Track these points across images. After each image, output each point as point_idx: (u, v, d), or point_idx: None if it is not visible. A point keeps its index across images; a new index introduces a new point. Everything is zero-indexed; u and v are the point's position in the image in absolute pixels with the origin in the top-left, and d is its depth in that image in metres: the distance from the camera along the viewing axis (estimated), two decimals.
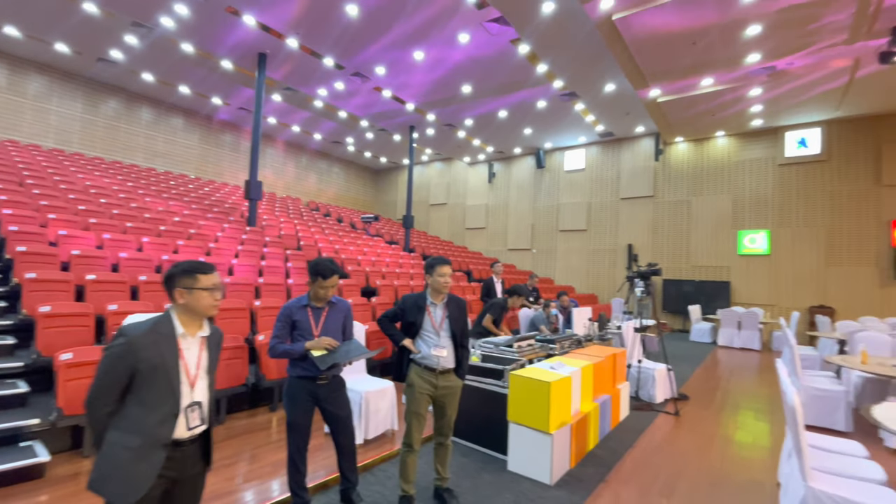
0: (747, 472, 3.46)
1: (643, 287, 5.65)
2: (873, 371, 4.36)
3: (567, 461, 3.28)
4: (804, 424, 4.46)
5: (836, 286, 10.56)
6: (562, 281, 14.61)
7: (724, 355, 8.98)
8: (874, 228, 10.23)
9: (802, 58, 7.91)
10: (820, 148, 10.86)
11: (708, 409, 5.14)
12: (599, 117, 11.84)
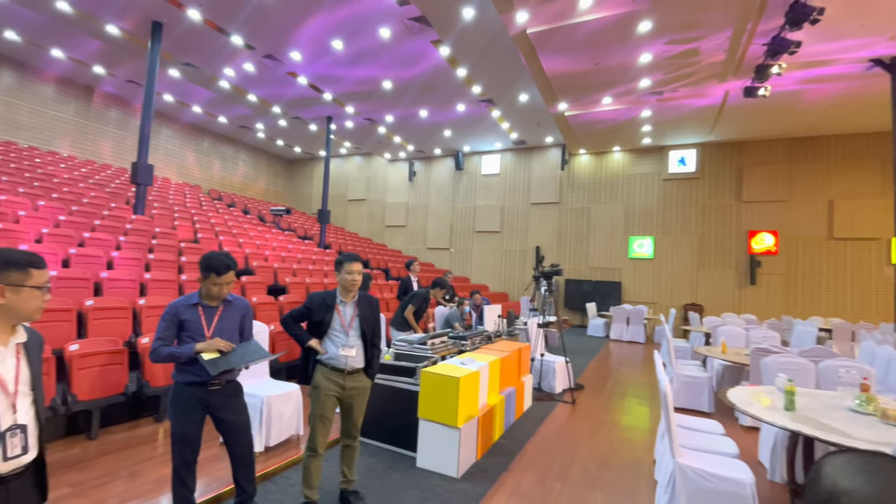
0: (630, 452, 3.86)
1: (547, 286, 6.05)
2: (730, 359, 5.14)
3: (474, 453, 3.39)
4: (675, 407, 5.08)
5: (704, 287, 12.27)
6: (477, 280, 15.10)
7: (614, 348, 9.96)
8: (735, 238, 12.06)
9: (684, 88, 9.06)
10: (695, 166, 12.53)
11: (599, 396, 5.66)
12: (514, 125, 12.44)
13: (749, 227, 11.89)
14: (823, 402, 2.89)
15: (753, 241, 11.76)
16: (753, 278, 11.67)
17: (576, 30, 7.19)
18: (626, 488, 3.15)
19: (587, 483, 3.20)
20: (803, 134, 11.31)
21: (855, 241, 10.92)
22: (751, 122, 10.65)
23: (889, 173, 10.19)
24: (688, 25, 6.91)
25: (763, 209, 11.78)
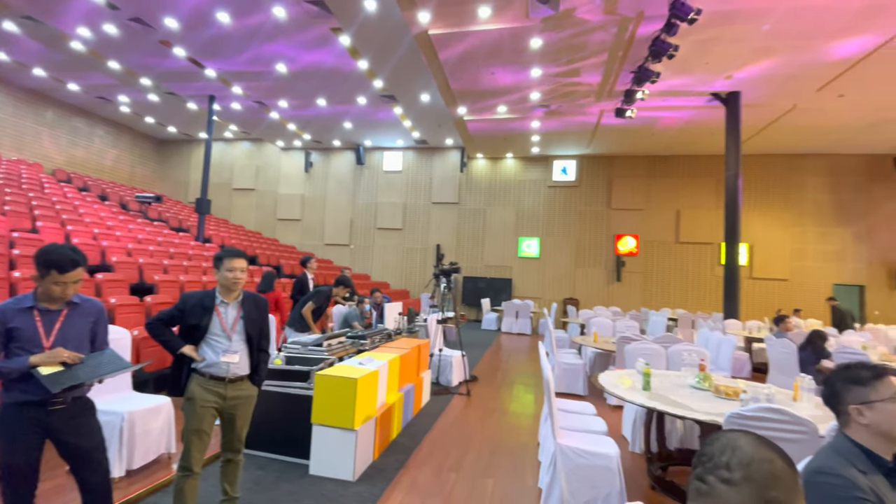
0: (518, 436, 4.16)
1: (447, 283, 6.23)
2: (601, 347, 5.81)
3: (371, 454, 3.35)
4: (555, 392, 5.58)
5: (580, 283, 13.71)
6: (378, 277, 14.91)
7: (505, 340, 10.64)
8: (605, 241, 13.68)
9: (567, 104, 10.00)
10: (575, 176, 13.93)
11: (491, 386, 6.00)
12: (416, 124, 12.53)
13: (616, 232, 13.59)
14: (672, 382, 3.43)
15: (619, 243, 13.48)
16: (619, 276, 13.39)
17: (475, 37, 7.48)
18: (514, 472, 3.38)
19: (479, 471, 3.37)
20: (660, 153, 13.27)
21: (695, 244, 13.15)
22: (620, 139, 12.17)
23: (721, 189, 12.44)
24: (572, 48, 7.64)
25: (627, 216, 13.55)
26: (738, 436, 0.90)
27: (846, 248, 12.43)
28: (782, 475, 0.83)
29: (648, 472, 3.30)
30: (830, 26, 6.58)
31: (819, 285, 12.37)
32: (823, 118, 9.93)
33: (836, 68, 7.76)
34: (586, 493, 2.63)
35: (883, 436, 1.27)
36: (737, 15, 6.40)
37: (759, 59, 7.60)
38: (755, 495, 0.81)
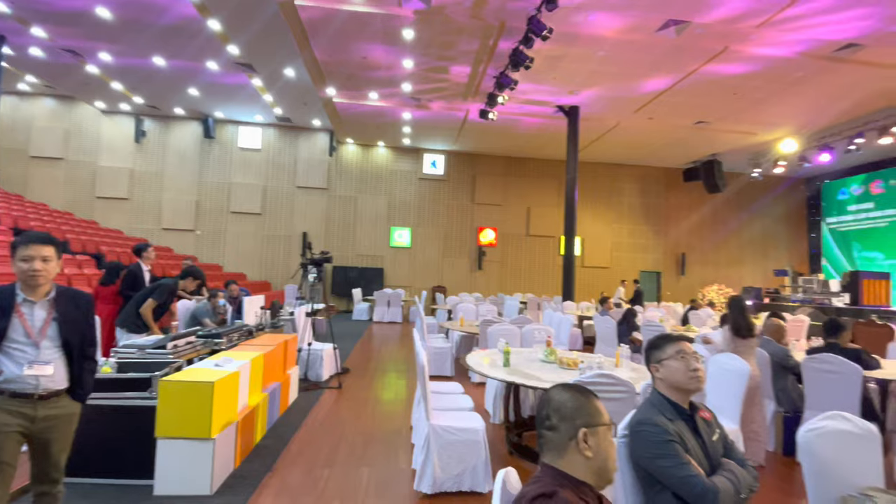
0: (391, 423, 4.25)
1: (316, 273, 5.95)
2: (466, 330, 6.25)
3: (231, 462, 3.06)
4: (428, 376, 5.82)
5: (447, 272, 14.46)
6: (232, 268, 13.43)
7: (377, 329, 10.66)
8: (469, 232, 14.64)
9: (437, 99, 10.34)
10: (443, 170, 14.55)
11: (364, 377, 5.98)
12: (278, 100, 11.56)
13: (479, 224, 14.66)
14: (525, 357, 3.88)
15: (481, 235, 14.59)
16: (480, 264, 14.51)
17: (347, 16, 7.20)
18: (388, 458, 3.45)
19: (354, 462, 3.35)
20: (516, 154, 14.66)
21: (542, 237, 14.94)
22: (483, 138, 13.09)
23: (562, 190, 14.31)
24: (442, 45, 7.91)
25: (488, 210, 14.71)
26: (549, 392, 1.18)
27: (649, 243, 15.54)
28: (582, 405, 1.11)
29: (507, 439, 3.71)
30: (646, 59, 8.07)
31: (631, 272, 15.24)
32: (638, 136, 12.17)
33: (648, 96, 9.57)
34: (455, 466, 2.84)
35: (674, 387, 1.65)
36: (578, 38, 7.41)
37: (594, 79, 8.93)
38: (570, 428, 1.09)
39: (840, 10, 6.37)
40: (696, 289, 14.83)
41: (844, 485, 1.72)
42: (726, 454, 1.59)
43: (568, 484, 1.04)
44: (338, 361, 5.81)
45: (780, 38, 7.12)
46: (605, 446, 1.09)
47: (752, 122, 10.86)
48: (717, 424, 1.66)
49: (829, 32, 6.93)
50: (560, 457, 1.09)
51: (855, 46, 7.26)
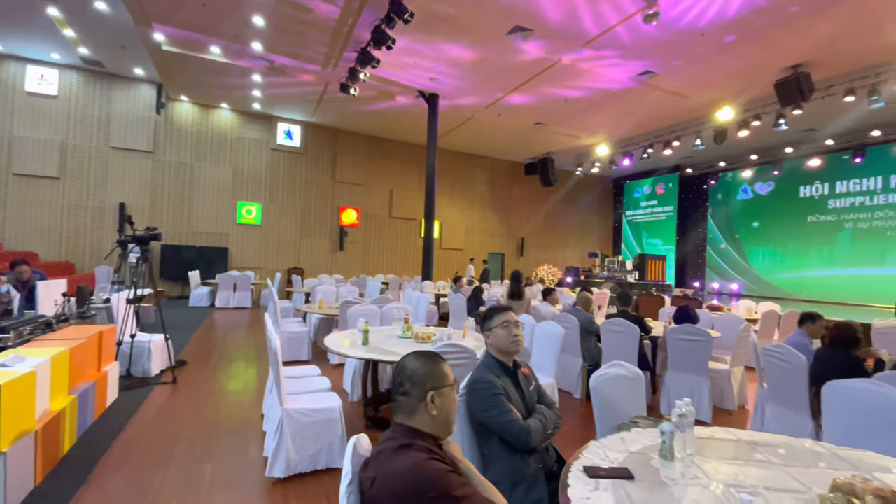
0: (239, 414, 3.98)
1: (140, 253, 5.10)
2: (325, 313, 6.12)
3: (31, 479, 2.52)
4: (282, 361, 5.58)
5: (305, 252, 13.78)
6: (18, 245, 10.53)
7: (220, 316, 9.64)
8: (330, 211, 14.13)
9: (294, 64, 9.61)
10: (300, 142, 13.65)
11: (204, 369, 5.41)
12: (84, 38, 9.30)
13: (340, 204, 14.26)
14: (384, 335, 4.04)
15: (343, 215, 14.24)
16: (342, 245, 14.20)
17: None
18: (236, 449, 3.25)
19: (195, 459, 3.08)
20: (379, 135, 14.58)
21: (404, 219, 15.29)
22: (345, 114, 12.66)
23: (423, 174, 14.81)
24: (297, 7, 7.35)
25: (350, 190, 14.40)
26: (403, 360, 1.32)
27: (496, 228, 17.21)
28: (431, 371, 1.26)
29: (364, 414, 3.83)
30: (497, 61, 8.79)
31: (481, 253, 16.70)
32: (489, 130, 13.25)
33: (494, 97, 10.47)
34: (311, 446, 2.85)
35: (500, 350, 1.97)
36: (439, 28, 7.69)
37: (452, 70, 9.39)
38: (420, 392, 1.24)
39: (625, 62, 7.92)
40: (532, 268, 17.05)
41: (620, 416, 2.28)
42: (539, 401, 1.97)
43: (418, 437, 1.21)
44: (171, 354, 5.14)
45: (595, 71, 8.53)
46: (449, 403, 1.28)
47: (577, 128, 12.80)
48: (534, 377, 2.04)
49: (619, 73, 8.57)
50: (411, 417, 1.25)
51: (651, 73, 9.12)
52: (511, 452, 1.74)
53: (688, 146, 12.47)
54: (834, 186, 13.24)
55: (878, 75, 8.50)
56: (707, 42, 7.75)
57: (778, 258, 14.59)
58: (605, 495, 1.38)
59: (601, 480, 1.48)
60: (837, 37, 7.43)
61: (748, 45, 7.76)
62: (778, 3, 6.60)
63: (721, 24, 7.17)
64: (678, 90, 9.83)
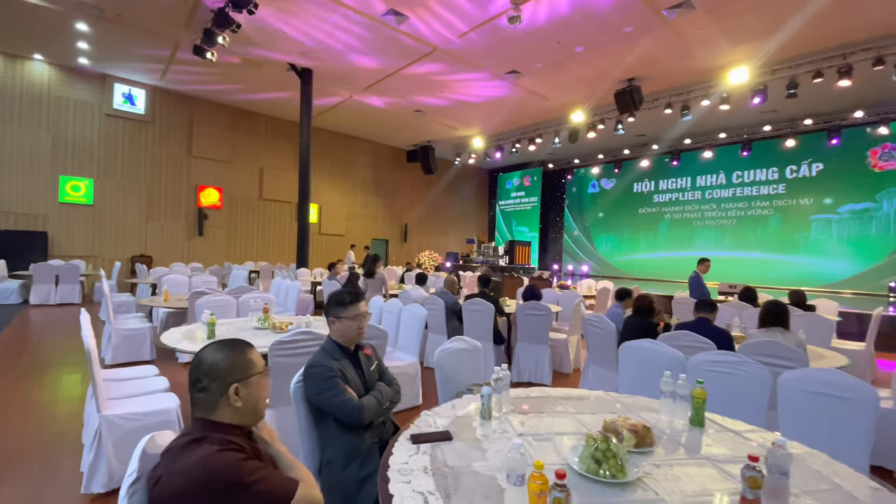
0: (54, 425, 3.38)
1: None
2: (172, 306, 5.47)
3: None
4: (117, 363, 4.87)
5: (155, 238, 12.03)
6: None
7: (37, 314, 7.96)
8: (185, 191, 12.50)
9: (131, 14, 8.18)
10: (145, 109, 11.74)
11: (8, 378, 4.45)
12: None
13: (198, 182, 12.70)
14: (238, 327, 3.77)
15: (202, 195, 12.72)
16: (201, 230, 12.70)
17: None
18: (45, 468, 2.77)
19: None
20: (245, 108, 13.26)
21: (277, 202, 14.26)
22: (202, 80, 11.22)
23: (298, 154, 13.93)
24: None
25: (211, 166, 12.90)
26: (200, 354, 1.22)
27: (379, 213, 17.11)
28: (234, 362, 1.18)
29: None
30: (371, 40, 8.63)
31: (364, 239, 16.47)
32: (369, 113, 13.00)
33: (375, 76, 10.31)
34: None
35: (344, 338, 2.00)
36: None
37: (326, 46, 8.95)
38: (221, 387, 1.16)
39: (494, 60, 8.50)
40: (415, 254, 17.40)
41: (460, 385, 2.50)
42: (380, 378, 2.06)
43: (215, 430, 1.16)
44: None
45: (469, 61, 8.93)
46: (257, 392, 1.23)
47: (454, 119, 13.30)
48: (376, 357, 2.12)
49: (490, 67, 9.16)
50: (212, 411, 1.18)
51: (517, 73, 9.85)
52: (346, 430, 1.79)
53: (548, 144, 13.84)
54: (658, 184, 16.01)
55: (690, 93, 10.44)
56: (562, 50, 8.65)
57: (617, 243, 17.20)
58: (424, 458, 1.52)
59: (423, 445, 1.62)
60: (659, 57, 8.91)
61: (594, 56, 8.87)
62: (616, 23, 7.65)
63: (573, 34, 8.05)
64: (540, 91, 10.82)
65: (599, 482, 1.37)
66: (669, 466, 1.52)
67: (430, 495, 1.29)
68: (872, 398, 2.04)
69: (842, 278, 11.96)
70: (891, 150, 11.37)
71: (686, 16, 7.29)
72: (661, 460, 1.56)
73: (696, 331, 3.06)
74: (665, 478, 1.43)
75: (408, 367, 3.93)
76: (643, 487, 1.36)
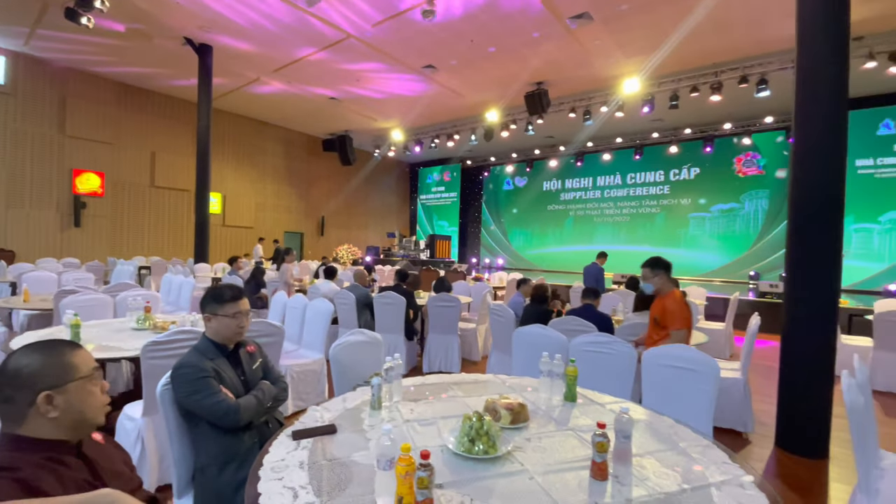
0: None
1: None
2: (33, 307, 4.72)
3: None
4: None
5: (16, 228, 10.28)
6: None
7: None
8: (57, 175, 10.81)
9: None
10: (5, 79, 9.96)
11: None
12: None
13: (74, 166, 11.06)
14: (112, 328, 3.36)
15: (79, 180, 11.10)
16: (78, 220, 11.10)
17: None
18: None
19: None
20: (131, 83, 11.78)
21: (172, 190, 12.90)
22: (79, 49, 9.76)
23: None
24: None
25: (90, 148, 11.30)
26: (6, 359, 1.05)
27: (293, 204, 16.28)
28: (45, 367, 1.02)
29: None
30: (278, 19, 8.14)
31: (276, 232, 15.57)
32: (280, 97, 12.26)
33: (283, 60, 9.74)
34: None
35: (219, 336, 1.86)
36: None
37: (227, 21, 8.25)
38: (28, 395, 0.99)
39: (411, 53, 8.51)
40: (333, 248, 16.85)
41: (359, 377, 2.47)
42: (265, 377, 1.96)
43: (28, 448, 0.99)
44: None
45: (384, 51, 8.81)
46: (80, 399, 1.06)
47: (372, 110, 13.05)
48: (261, 354, 2.02)
49: (406, 60, 9.16)
50: (19, 425, 1.00)
51: (433, 68, 9.91)
52: (222, 433, 1.69)
53: (466, 141, 14.17)
54: (564, 183, 17.19)
55: (591, 99, 11.30)
56: (475, 48, 8.87)
57: (528, 238, 18.19)
58: (302, 453, 1.49)
59: (304, 440, 1.58)
60: (564, 64, 9.53)
61: (505, 57, 9.23)
62: (525, 27, 8.02)
63: (486, 35, 8.29)
64: (455, 88, 11.02)
65: (472, 459, 1.44)
66: (539, 439, 1.64)
67: (301, 489, 1.27)
68: (714, 369, 2.39)
69: (713, 268, 13.84)
70: (752, 158, 13.34)
71: (586, 26, 7.87)
72: (532, 434, 1.69)
73: (581, 316, 3.35)
74: (533, 450, 1.55)
75: (313, 364, 3.81)
76: (511, 460, 1.46)
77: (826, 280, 3.36)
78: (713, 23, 7.61)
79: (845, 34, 3.41)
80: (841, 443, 3.43)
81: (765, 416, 3.83)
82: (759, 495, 1.30)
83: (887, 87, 10.01)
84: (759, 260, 12.98)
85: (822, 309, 3.35)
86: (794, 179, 3.54)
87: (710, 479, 1.38)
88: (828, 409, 3.33)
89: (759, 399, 4.12)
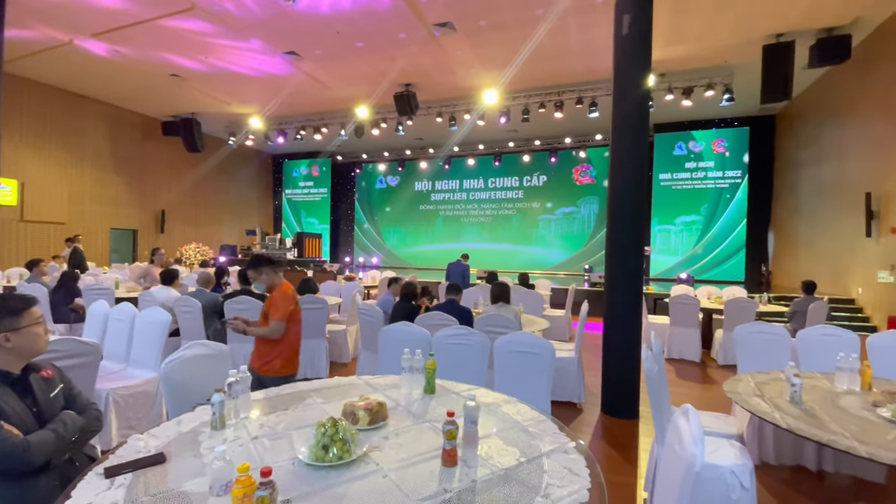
0: None
1: None
2: None
3: None
4: None
5: None
6: None
7: None
8: None
9: None
10: None
11: None
12: None
13: None
14: None
15: None
16: None
17: None
18: None
19: None
20: None
21: None
22: None
23: None
24: None
25: None
26: None
27: (122, 196, 13.69)
28: None
29: None
30: None
31: (98, 229, 12.91)
32: (105, 66, 10.17)
33: (109, 19, 8.13)
34: None
35: (24, 354, 1.51)
36: None
37: None
38: None
39: (271, 36, 7.94)
40: (177, 247, 14.67)
41: (201, 395, 2.19)
42: (68, 406, 1.62)
43: None
44: None
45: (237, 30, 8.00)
46: None
47: (224, 92, 11.71)
48: (62, 379, 1.66)
49: (264, 41, 8.51)
50: None
51: (296, 55, 9.32)
52: (9, 479, 1.34)
53: (335, 135, 13.67)
54: (434, 185, 17.84)
55: (455, 106, 11.90)
56: (342, 41, 8.61)
57: (402, 236, 18.42)
58: (117, 492, 1.26)
59: (121, 477, 1.34)
60: (430, 69, 9.85)
61: (373, 54, 9.16)
62: (392, 27, 8.05)
63: (353, 28, 8.10)
64: (321, 79, 10.55)
65: (325, 467, 1.40)
66: (396, 436, 1.67)
67: None
68: (550, 352, 2.74)
69: (557, 263, 15.86)
70: (586, 169, 15.61)
71: (450, 35, 8.26)
72: (390, 432, 1.71)
73: (444, 310, 3.51)
74: (390, 447, 1.57)
75: (144, 384, 3.27)
76: (366, 462, 1.46)
77: (633, 270, 4.11)
78: (556, 48, 8.68)
79: (647, 69, 4.23)
80: (649, 404, 4.24)
81: (595, 387, 4.53)
82: (579, 458, 1.52)
83: (682, 116, 12.68)
84: (591, 255, 15.27)
85: (630, 294, 4.10)
86: (610, 188, 4.26)
87: (543, 450, 1.58)
88: (637, 377, 4.08)
89: (591, 374, 4.86)
